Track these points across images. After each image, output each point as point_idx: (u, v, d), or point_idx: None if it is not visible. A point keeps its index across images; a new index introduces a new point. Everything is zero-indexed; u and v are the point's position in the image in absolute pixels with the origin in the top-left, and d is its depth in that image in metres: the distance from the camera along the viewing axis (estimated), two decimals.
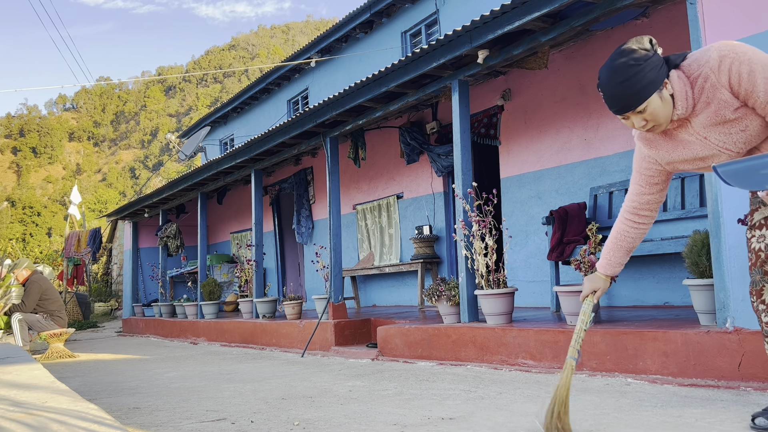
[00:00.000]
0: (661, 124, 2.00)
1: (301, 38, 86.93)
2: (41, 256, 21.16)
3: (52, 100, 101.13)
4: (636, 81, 1.92)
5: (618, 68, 1.94)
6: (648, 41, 1.98)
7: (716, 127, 1.99)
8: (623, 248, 2.34)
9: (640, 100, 1.94)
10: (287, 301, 7.16)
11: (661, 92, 1.95)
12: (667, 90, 1.96)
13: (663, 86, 1.95)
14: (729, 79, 1.91)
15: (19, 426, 2.11)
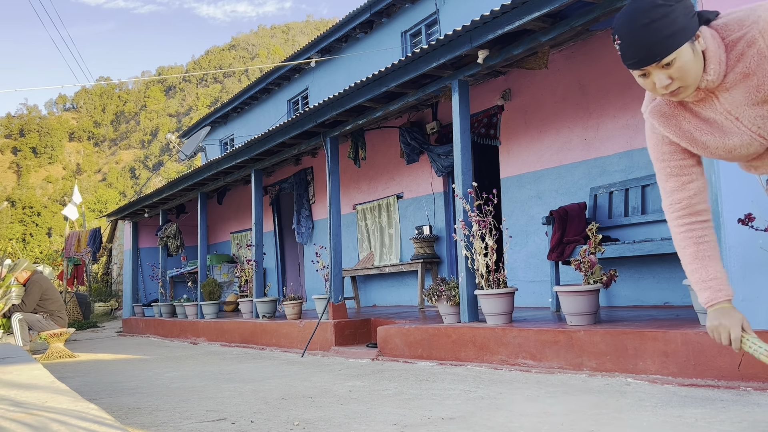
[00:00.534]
0: (689, 86, 1.59)
1: (301, 38, 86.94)
2: (41, 256, 21.16)
3: (52, 100, 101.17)
4: (665, 24, 1.50)
5: (643, 7, 1.52)
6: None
7: (753, 108, 1.59)
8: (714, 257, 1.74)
9: (669, 48, 1.52)
10: (287, 301, 7.16)
11: (694, 44, 1.54)
12: (700, 44, 1.55)
13: (696, 38, 1.55)
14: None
15: (20, 426, 2.11)
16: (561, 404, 2.89)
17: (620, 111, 5.69)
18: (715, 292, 1.70)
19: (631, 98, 5.61)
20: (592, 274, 4.15)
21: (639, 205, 5.37)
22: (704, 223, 1.77)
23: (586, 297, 4.07)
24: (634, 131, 5.57)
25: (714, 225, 2.31)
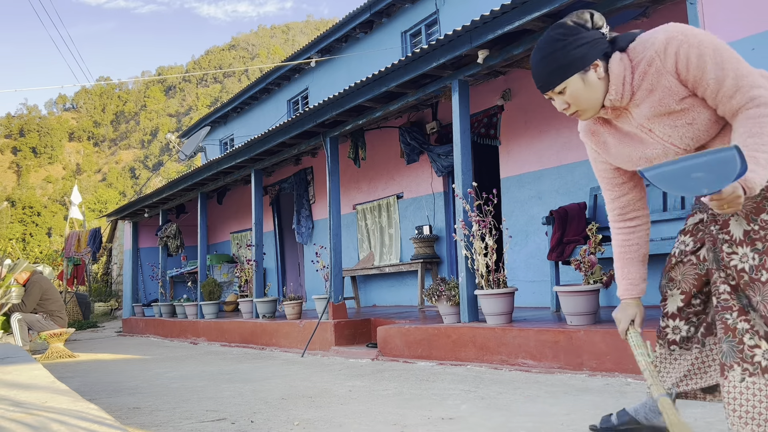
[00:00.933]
0: (586, 110, 1.79)
1: (301, 38, 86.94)
2: (41, 256, 21.17)
3: (52, 100, 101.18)
4: (556, 58, 1.73)
5: (543, 42, 1.77)
6: (589, 15, 1.77)
7: (661, 119, 1.76)
8: (634, 260, 2.01)
9: (558, 79, 1.75)
10: (287, 301, 7.16)
11: (586, 74, 1.74)
12: (596, 72, 1.75)
13: (591, 67, 1.74)
14: (676, 63, 1.69)
15: (20, 426, 2.11)
16: (561, 404, 2.89)
17: None
18: (625, 290, 2.01)
19: None
20: (592, 274, 4.15)
21: None
22: (634, 228, 2.00)
23: (586, 297, 4.07)
24: None
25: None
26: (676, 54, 1.68)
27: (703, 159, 1.46)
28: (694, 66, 1.67)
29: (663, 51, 1.69)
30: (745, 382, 1.71)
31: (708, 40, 1.67)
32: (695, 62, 1.67)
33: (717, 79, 1.65)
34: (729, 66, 1.65)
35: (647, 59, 1.72)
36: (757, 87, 1.65)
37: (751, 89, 1.64)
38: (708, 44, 1.67)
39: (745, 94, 1.64)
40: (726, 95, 1.66)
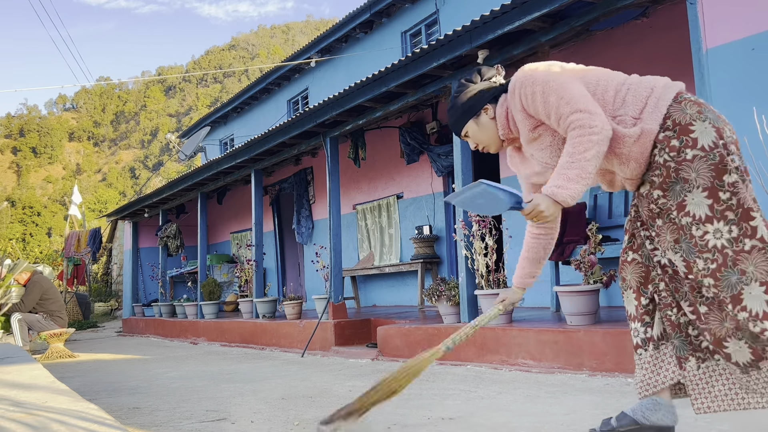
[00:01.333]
0: (489, 145, 2.18)
1: (301, 38, 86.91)
2: (41, 256, 21.16)
3: (52, 100, 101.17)
4: (453, 112, 2.16)
5: (450, 101, 2.19)
6: (477, 72, 2.15)
7: (530, 144, 2.08)
8: (530, 259, 2.31)
9: (458, 128, 2.18)
10: (287, 301, 7.16)
11: (478, 119, 2.13)
12: (487, 115, 2.12)
13: (482, 112, 2.12)
14: (521, 102, 2.01)
15: (20, 426, 2.11)
16: (561, 404, 2.89)
17: None
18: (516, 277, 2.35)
19: None
20: (592, 274, 4.15)
21: None
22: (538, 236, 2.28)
23: (586, 297, 4.07)
24: None
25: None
26: (520, 95, 2.01)
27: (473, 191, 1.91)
28: (531, 103, 1.99)
29: (512, 93, 2.04)
30: (701, 369, 1.94)
31: (541, 80, 1.97)
32: (531, 100, 1.98)
33: (547, 112, 1.96)
34: (553, 99, 1.94)
35: (507, 100, 2.08)
36: (575, 112, 1.90)
37: (570, 115, 1.91)
38: (540, 83, 1.97)
39: (566, 120, 1.92)
40: (556, 123, 1.96)
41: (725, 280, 1.81)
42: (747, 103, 3.14)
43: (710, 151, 1.83)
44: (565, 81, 1.96)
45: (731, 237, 1.81)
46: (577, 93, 1.93)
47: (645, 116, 1.91)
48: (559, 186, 1.89)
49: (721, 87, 3.28)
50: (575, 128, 1.90)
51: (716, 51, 3.31)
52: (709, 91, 3.32)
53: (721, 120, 1.89)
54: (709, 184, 1.82)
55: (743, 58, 3.21)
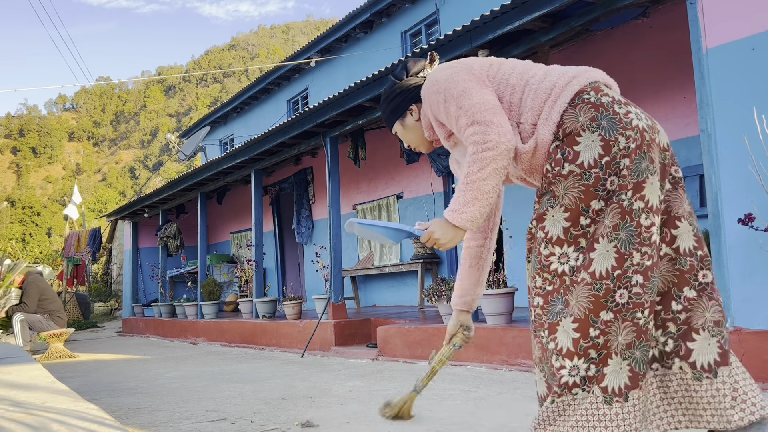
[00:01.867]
0: (417, 146, 2.07)
1: (301, 38, 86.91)
2: (41, 256, 21.16)
3: (52, 100, 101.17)
4: (383, 111, 2.07)
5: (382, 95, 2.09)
6: (404, 67, 2.02)
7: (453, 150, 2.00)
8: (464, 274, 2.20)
9: (389, 126, 2.07)
10: (287, 301, 7.16)
11: (404, 119, 2.01)
12: (413, 116, 2.00)
13: (407, 113, 2.00)
14: (431, 108, 1.90)
15: (20, 426, 2.11)
16: None
17: None
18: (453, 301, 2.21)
19: (631, 98, 5.61)
20: None
21: None
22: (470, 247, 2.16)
23: None
24: None
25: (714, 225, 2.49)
26: (429, 103, 1.89)
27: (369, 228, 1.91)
28: (437, 111, 1.86)
29: (424, 99, 1.92)
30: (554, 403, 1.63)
31: (444, 86, 1.82)
32: (437, 108, 1.86)
33: (450, 122, 1.83)
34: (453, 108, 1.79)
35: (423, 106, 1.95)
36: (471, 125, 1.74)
37: (467, 128, 1.76)
38: (443, 90, 1.82)
39: (464, 133, 1.77)
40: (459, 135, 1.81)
41: (552, 306, 1.68)
42: (747, 103, 3.14)
43: (587, 169, 1.64)
44: (467, 87, 1.79)
45: (575, 265, 1.66)
46: (479, 101, 1.75)
47: (540, 124, 1.73)
48: (455, 210, 1.75)
49: (721, 87, 3.28)
50: (471, 144, 1.74)
51: (716, 51, 3.31)
52: (709, 91, 3.33)
53: (620, 126, 1.65)
54: (573, 206, 1.66)
55: (743, 58, 3.21)
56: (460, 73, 1.82)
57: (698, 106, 3.38)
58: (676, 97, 5.26)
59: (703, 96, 3.36)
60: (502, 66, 1.85)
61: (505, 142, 1.70)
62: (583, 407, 1.60)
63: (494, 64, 1.86)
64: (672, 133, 5.31)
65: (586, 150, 1.65)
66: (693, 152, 5.12)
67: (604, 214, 1.65)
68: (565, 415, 1.62)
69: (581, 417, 1.60)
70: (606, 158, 1.63)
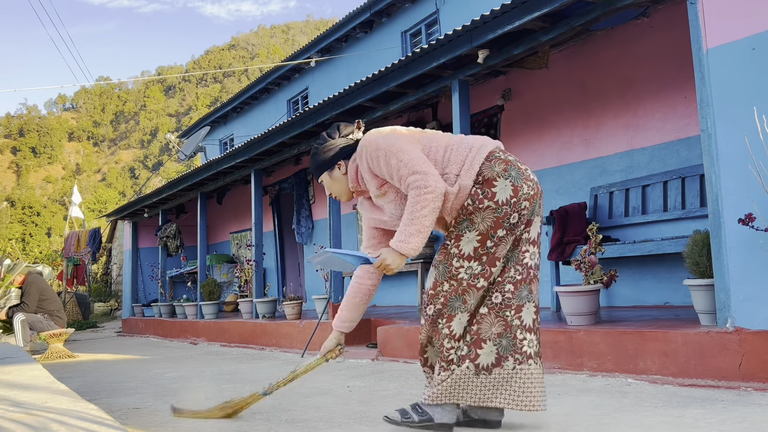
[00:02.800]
0: (339, 195, 2.52)
1: (301, 38, 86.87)
2: (41, 256, 21.15)
3: (52, 100, 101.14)
4: (313, 162, 2.51)
5: (312, 149, 2.54)
6: (336, 129, 2.47)
7: (379, 198, 2.43)
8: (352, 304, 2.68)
9: (317, 175, 2.53)
10: (287, 301, 7.16)
11: (332, 172, 2.48)
12: (340, 170, 2.46)
13: (334, 167, 2.46)
14: (368, 164, 2.34)
15: (19, 426, 2.11)
16: (561, 404, 2.89)
17: (620, 111, 5.69)
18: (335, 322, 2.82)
19: (632, 98, 5.61)
20: (593, 274, 4.15)
21: (639, 205, 5.37)
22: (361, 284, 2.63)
23: (587, 297, 4.07)
24: (635, 131, 5.57)
25: (714, 225, 2.63)
26: (366, 159, 2.34)
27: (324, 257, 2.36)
28: (376, 166, 2.32)
29: (360, 156, 2.38)
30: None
31: (384, 145, 2.29)
32: (376, 163, 2.31)
33: (390, 174, 2.29)
34: (394, 162, 2.26)
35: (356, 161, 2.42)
36: (413, 174, 2.22)
37: (408, 176, 2.23)
38: (383, 148, 2.28)
39: (406, 180, 2.24)
40: (398, 183, 2.29)
41: (451, 304, 2.31)
42: (747, 103, 3.13)
43: (501, 206, 2.24)
44: (403, 146, 2.28)
45: (473, 273, 2.29)
46: (415, 156, 2.25)
47: (463, 173, 2.27)
48: (402, 241, 2.23)
49: (721, 87, 3.28)
50: (413, 188, 2.21)
51: (716, 51, 3.31)
52: (709, 91, 3.32)
53: (524, 177, 2.29)
54: (485, 232, 2.26)
55: (743, 58, 3.21)
56: (396, 136, 2.32)
57: (698, 106, 3.38)
58: (676, 96, 5.26)
59: (704, 96, 3.35)
60: (423, 132, 2.41)
61: (441, 187, 2.21)
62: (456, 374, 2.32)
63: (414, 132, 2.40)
64: (672, 133, 5.31)
65: (501, 191, 2.24)
66: (693, 152, 5.12)
67: (504, 240, 2.28)
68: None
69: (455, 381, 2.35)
70: (514, 199, 2.25)
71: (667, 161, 5.31)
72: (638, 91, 5.54)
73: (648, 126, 5.47)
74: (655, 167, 5.39)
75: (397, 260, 2.26)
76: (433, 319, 2.34)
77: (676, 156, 5.26)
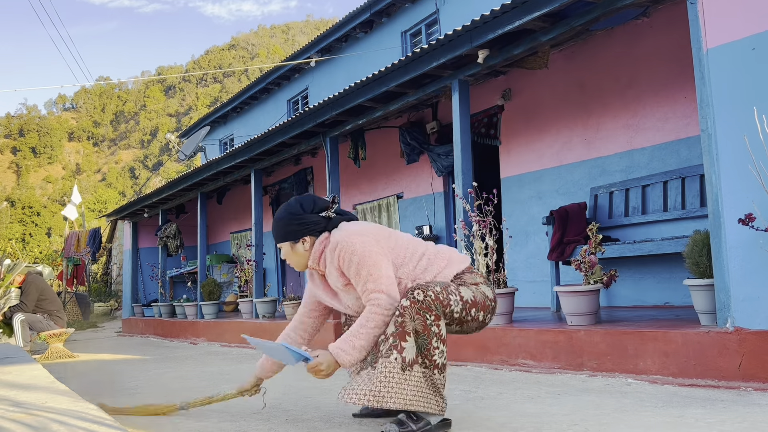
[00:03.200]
0: (295, 265, 2.58)
1: (301, 38, 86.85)
2: (41, 256, 21.15)
3: (52, 100, 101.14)
4: (279, 226, 2.54)
5: (279, 210, 2.57)
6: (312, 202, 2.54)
7: (339, 289, 2.54)
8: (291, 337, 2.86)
9: (278, 240, 2.57)
10: (287, 301, 7.16)
11: (295, 244, 2.53)
12: (303, 245, 2.52)
13: (299, 241, 2.52)
14: (338, 262, 2.44)
15: (19, 426, 2.11)
16: (561, 404, 2.89)
17: (620, 111, 5.69)
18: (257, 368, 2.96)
19: (632, 98, 5.61)
20: (593, 274, 4.15)
21: (639, 205, 5.37)
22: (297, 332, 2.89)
23: (587, 297, 4.07)
24: (635, 131, 5.57)
25: (714, 225, 2.63)
26: (338, 257, 2.43)
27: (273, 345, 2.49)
28: (346, 267, 2.42)
29: (332, 251, 2.45)
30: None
31: (359, 251, 2.38)
32: (347, 265, 2.41)
33: (356, 279, 2.41)
34: (364, 272, 2.38)
35: (328, 250, 2.48)
36: (377, 291, 2.36)
37: (372, 292, 2.37)
38: (358, 255, 2.38)
39: (369, 294, 2.37)
40: (360, 289, 2.41)
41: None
42: (747, 103, 3.13)
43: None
44: (377, 260, 2.39)
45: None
46: (384, 274, 2.38)
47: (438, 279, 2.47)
48: (344, 350, 2.33)
49: (721, 87, 3.28)
50: (373, 304, 2.35)
51: (716, 51, 3.31)
52: (709, 91, 3.32)
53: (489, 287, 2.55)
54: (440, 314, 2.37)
55: (743, 58, 3.21)
56: (371, 245, 2.40)
57: (698, 106, 3.38)
58: (676, 96, 5.26)
59: (704, 96, 3.35)
60: (398, 240, 2.52)
61: (395, 307, 2.35)
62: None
63: (392, 237, 2.51)
64: (672, 133, 5.31)
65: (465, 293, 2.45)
66: (693, 152, 5.12)
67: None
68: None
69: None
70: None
71: (667, 161, 5.31)
72: (638, 91, 5.54)
73: (648, 126, 5.47)
74: (655, 167, 5.39)
75: (332, 367, 2.37)
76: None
77: (676, 156, 5.26)
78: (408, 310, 2.29)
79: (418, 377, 2.28)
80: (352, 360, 2.34)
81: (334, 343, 2.36)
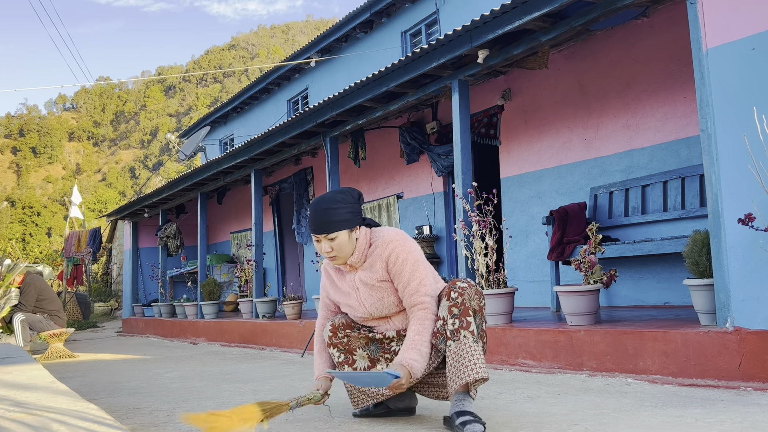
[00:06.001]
0: (340, 257, 2.47)
1: (301, 38, 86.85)
2: (41, 256, 21.16)
3: (52, 100, 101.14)
4: (335, 212, 2.41)
5: (327, 198, 2.47)
6: (357, 194, 2.51)
7: (366, 286, 2.51)
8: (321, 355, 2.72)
9: (333, 228, 2.41)
10: (287, 301, 7.16)
11: (351, 233, 2.45)
12: (356, 234, 2.47)
13: (354, 229, 2.46)
14: (389, 256, 2.43)
15: (20, 426, 2.11)
16: (561, 404, 2.89)
17: (620, 111, 5.69)
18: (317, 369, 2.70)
19: (632, 98, 5.61)
20: (593, 274, 4.15)
21: (639, 205, 5.37)
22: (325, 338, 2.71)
23: (586, 297, 4.07)
24: (634, 131, 5.57)
25: (714, 225, 2.65)
26: (391, 252, 2.43)
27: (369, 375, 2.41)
28: (398, 265, 2.42)
29: (386, 244, 2.45)
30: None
31: (416, 254, 2.45)
32: (400, 262, 2.42)
33: (407, 279, 2.42)
34: (418, 275, 2.42)
35: (376, 244, 2.48)
36: (428, 295, 2.42)
37: (424, 296, 2.41)
38: (414, 255, 2.44)
39: (419, 297, 2.41)
40: (408, 293, 2.43)
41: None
42: (747, 103, 3.14)
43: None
44: (429, 268, 2.48)
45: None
46: (432, 281, 2.46)
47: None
48: (415, 360, 2.34)
49: (721, 87, 3.28)
50: (424, 309, 2.41)
51: (716, 51, 3.31)
52: (709, 91, 3.32)
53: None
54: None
55: (743, 58, 3.21)
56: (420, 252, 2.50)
57: (698, 106, 3.38)
58: (676, 96, 5.26)
59: (703, 96, 3.35)
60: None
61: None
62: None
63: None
64: (672, 133, 5.31)
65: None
66: (693, 152, 5.12)
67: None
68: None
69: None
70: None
71: (667, 161, 5.31)
72: (638, 91, 5.54)
73: (648, 126, 5.47)
74: (655, 167, 5.39)
75: (409, 379, 2.36)
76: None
77: (676, 156, 5.26)
78: (467, 290, 2.38)
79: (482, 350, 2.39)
80: (422, 368, 2.37)
81: (404, 356, 2.35)
